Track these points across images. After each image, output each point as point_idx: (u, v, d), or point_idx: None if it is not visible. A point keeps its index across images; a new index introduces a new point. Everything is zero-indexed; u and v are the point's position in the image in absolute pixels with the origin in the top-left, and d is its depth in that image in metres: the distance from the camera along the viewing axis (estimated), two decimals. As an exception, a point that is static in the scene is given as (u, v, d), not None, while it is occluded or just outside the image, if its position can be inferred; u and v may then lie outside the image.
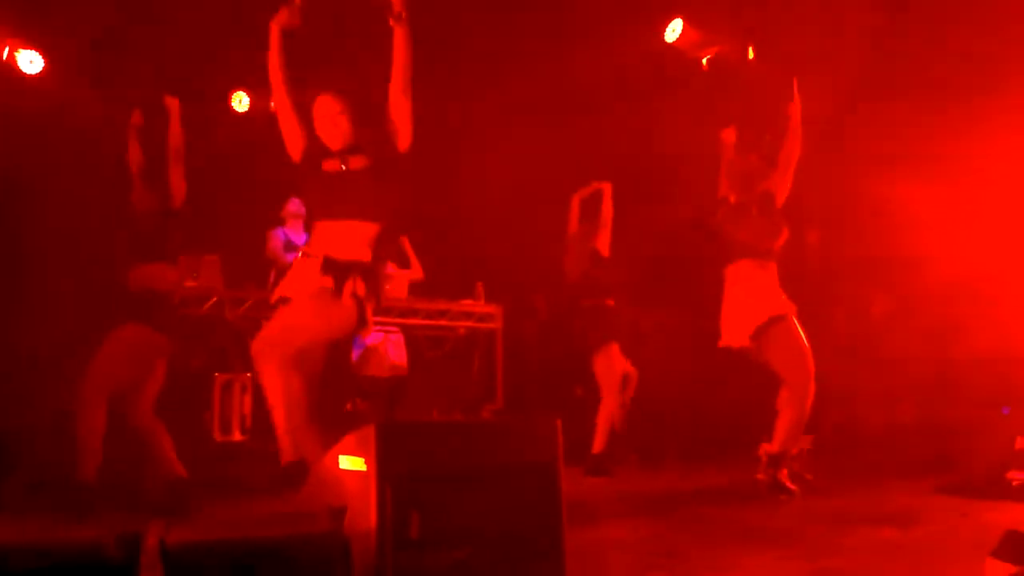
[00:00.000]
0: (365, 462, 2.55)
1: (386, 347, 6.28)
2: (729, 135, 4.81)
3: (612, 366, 5.48)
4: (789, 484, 4.35)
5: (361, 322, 3.31)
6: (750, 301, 4.42)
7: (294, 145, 3.43)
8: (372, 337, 6.34)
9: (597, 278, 5.59)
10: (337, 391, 6.18)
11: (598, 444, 5.46)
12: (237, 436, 5.23)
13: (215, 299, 5.34)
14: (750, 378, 4.91)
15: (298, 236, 6.11)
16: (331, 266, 3.24)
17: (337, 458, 2.77)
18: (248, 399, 5.30)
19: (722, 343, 4.54)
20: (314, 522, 2.57)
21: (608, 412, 5.45)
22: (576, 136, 6.90)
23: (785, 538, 3.38)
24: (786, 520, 3.83)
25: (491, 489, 2.71)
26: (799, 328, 4.40)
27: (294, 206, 6.15)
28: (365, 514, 2.47)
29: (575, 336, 5.63)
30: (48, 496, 4.12)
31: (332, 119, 3.36)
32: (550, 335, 6.52)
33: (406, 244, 6.41)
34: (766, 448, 4.42)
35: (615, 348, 5.52)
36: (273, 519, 2.65)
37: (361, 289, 3.25)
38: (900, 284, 6.85)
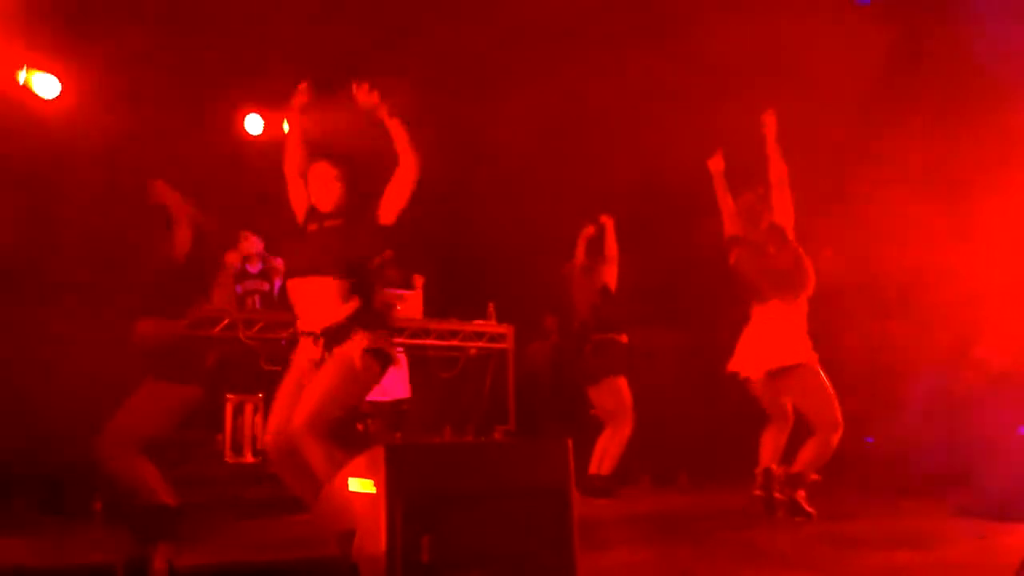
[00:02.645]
0: (375, 484, 2.54)
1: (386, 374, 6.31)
2: (717, 163, 4.80)
3: (621, 395, 5.52)
4: (806, 506, 4.32)
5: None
6: (771, 340, 4.43)
7: (300, 208, 3.62)
8: None
9: (606, 313, 5.63)
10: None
11: (607, 466, 5.48)
12: (248, 458, 5.23)
13: (227, 321, 5.36)
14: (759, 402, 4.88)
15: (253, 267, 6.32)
16: (328, 335, 3.31)
17: (346, 480, 2.76)
18: (260, 420, 5.30)
19: (731, 368, 4.55)
20: (323, 546, 2.57)
21: (623, 438, 5.48)
22: (586, 158, 6.92)
23: (798, 561, 3.34)
24: (799, 542, 3.78)
25: (502, 511, 2.69)
26: (821, 374, 4.40)
27: (255, 246, 6.30)
28: (375, 538, 2.46)
29: (584, 368, 5.65)
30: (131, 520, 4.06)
31: (328, 184, 3.51)
32: (563, 357, 6.50)
33: (418, 283, 6.44)
34: (784, 468, 4.40)
35: (623, 380, 5.56)
36: (282, 543, 2.65)
37: (366, 342, 3.29)
38: (914, 303, 6.80)
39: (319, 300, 3.33)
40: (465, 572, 2.54)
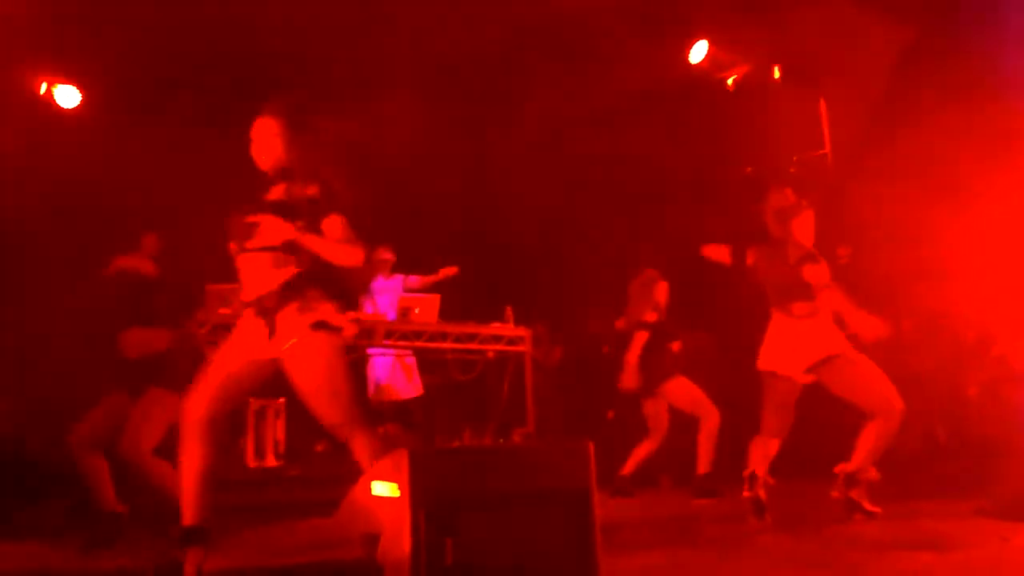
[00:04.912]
0: (398, 488, 2.57)
1: (397, 374, 6.37)
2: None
3: (691, 391, 5.59)
4: (867, 505, 4.33)
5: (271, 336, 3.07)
6: (800, 337, 4.41)
7: None
8: (382, 366, 6.39)
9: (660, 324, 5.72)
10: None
11: (704, 464, 5.53)
12: (271, 462, 5.28)
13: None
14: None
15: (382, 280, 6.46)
16: (261, 304, 3.10)
17: (370, 484, 2.80)
18: (281, 424, 5.35)
19: (766, 367, 4.51)
20: (348, 549, 2.60)
21: (711, 430, 5.52)
22: (606, 160, 6.92)
23: (821, 563, 3.34)
24: (822, 545, 3.78)
25: (525, 514, 2.71)
26: (860, 360, 4.38)
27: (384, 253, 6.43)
28: (399, 541, 2.49)
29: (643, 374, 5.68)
30: (83, 525, 4.14)
31: (268, 140, 3.23)
32: (576, 360, 6.51)
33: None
34: (842, 467, 4.40)
35: (681, 379, 5.63)
36: (307, 546, 2.68)
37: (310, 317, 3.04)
38: (931, 301, 6.76)
39: (259, 271, 3.13)
40: (488, 575, 2.57)
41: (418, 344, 6.03)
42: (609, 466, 5.46)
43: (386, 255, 6.56)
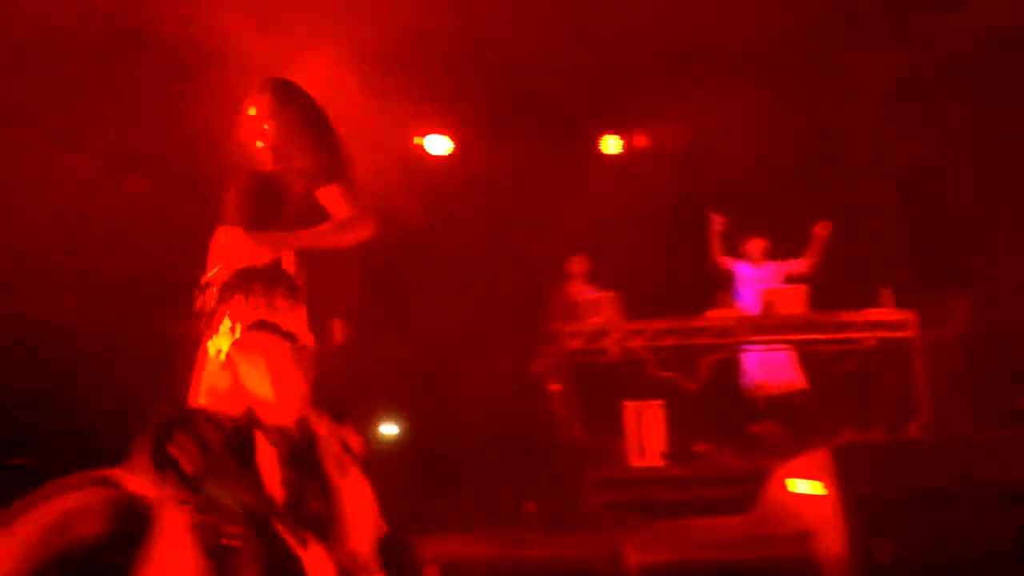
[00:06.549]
0: (823, 485, 2.51)
1: (772, 368, 6.11)
2: None
3: None
4: None
5: None
6: None
7: None
8: (754, 361, 6.15)
9: None
10: (741, 411, 6.13)
11: None
12: (655, 461, 5.41)
13: (617, 333, 5.66)
14: None
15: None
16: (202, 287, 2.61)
17: (786, 481, 2.76)
18: (662, 425, 5.46)
19: None
20: (774, 546, 2.59)
21: None
22: (961, 114, 6.10)
23: None
24: None
25: (964, 512, 2.51)
26: None
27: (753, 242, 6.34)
28: (832, 539, 2.42)
29: None
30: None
31: (256, 122, 2.77)
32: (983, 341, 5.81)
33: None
34: None
35: None
36: (737, 542, 2.70)
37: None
38: None
39: (227, 252, 2.59)
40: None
41: (787, 337, 5.82)
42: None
43: (756, 243, 6.24)
